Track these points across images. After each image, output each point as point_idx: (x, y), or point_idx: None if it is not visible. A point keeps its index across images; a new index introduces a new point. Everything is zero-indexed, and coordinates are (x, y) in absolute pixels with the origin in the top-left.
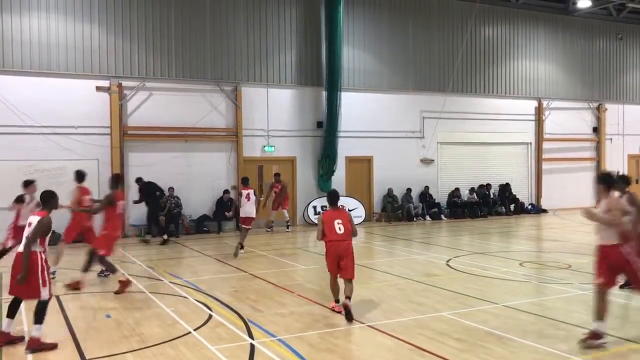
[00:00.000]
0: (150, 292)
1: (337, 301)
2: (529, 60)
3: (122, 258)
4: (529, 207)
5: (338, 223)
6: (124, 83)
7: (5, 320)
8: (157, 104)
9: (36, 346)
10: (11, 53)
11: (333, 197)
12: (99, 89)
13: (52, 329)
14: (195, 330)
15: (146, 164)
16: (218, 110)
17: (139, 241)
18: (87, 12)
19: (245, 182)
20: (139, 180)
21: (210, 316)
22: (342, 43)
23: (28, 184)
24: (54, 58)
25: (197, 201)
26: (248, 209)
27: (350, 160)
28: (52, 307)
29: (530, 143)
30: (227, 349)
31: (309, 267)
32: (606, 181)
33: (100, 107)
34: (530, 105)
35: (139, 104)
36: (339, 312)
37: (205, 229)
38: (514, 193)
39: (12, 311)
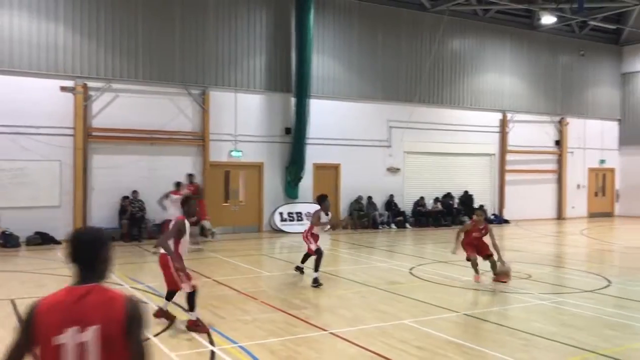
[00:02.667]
0: None
1: None
2: (494, 73)
3: None
4: (492, 217)
5: None
6: (90, 84)
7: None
8: (123, 106)
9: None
10: None
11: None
12: (63, 89)
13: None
14: (155, 336)
15: (110, 167)
16: (185, 113)
17: None
18: (53, 10)
19: (177, 186)
20: None
21: (170, 322)
22: (312, 50)
23: None
24: (18, 56)
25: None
26: (172, 212)
27: (317, 167)
28: None
29: (494, 154)
30: (187, 355)
31: (273, 274)
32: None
33: (64, 108)
34: (495, 118)
35: (104, 105)
36: None
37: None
38: (476, 203)
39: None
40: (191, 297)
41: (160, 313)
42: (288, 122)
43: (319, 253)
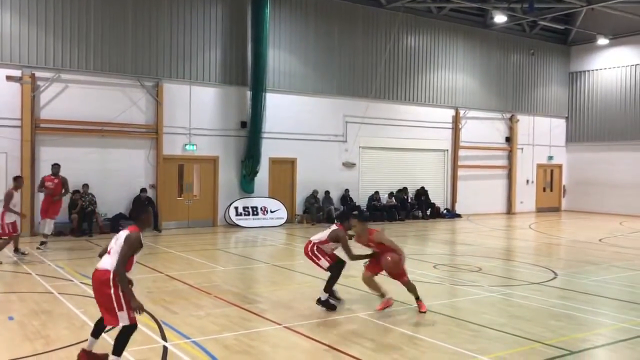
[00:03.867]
0: (58, 293)
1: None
2: (448, 70)
3: (31, 257)
4: (444, 211)
5: None
6: (38, 74)
7: None
8: (73, 97)
9: None
10: None
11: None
12: (9, 78)
13: None
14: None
15: (59, 159)
16: (138, 105)
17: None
18: None
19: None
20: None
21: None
22: (268, 44)
23: None
24: None
25: (112, 199)
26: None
27: (273, 162)
28: None
29: (447, 150)
30: (139, 351)
31: (228, 269)
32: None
33: (10, 98)
34: (448, 114)
35: (53, 96)
36: None
37: (121, 227)
38: (430, 198)
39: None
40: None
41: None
42: (244, 115)
43: (337, 269)
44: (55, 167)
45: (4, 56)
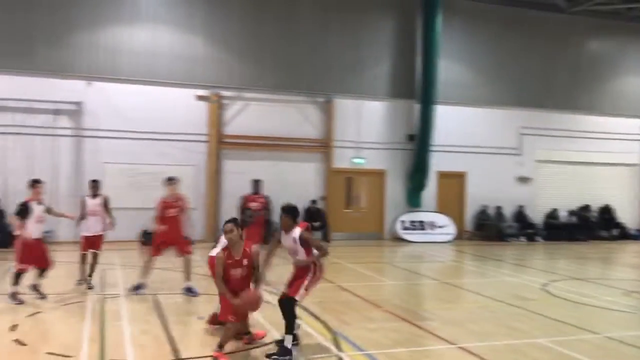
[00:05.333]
0: None
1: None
2: (634, 76)
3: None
4: (634, 232)
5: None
6: (223, 93)
7: None
8: (252, 114)
9: None
10: (121, 62)
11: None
12: (199, 97)
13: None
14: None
15: (240, 171)
16: (310, 121)
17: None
18: (190, 24)
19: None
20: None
21: (297, 325)
22: (439, 55)
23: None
24: (159, 67)
25: None
26: (92, 223)
27: (442, 176)
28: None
29: (636, 164)
30: None
31: (397, 283)
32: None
33: (199, 116)
34: (635, 124)
35: (235, 113)
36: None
37: None
38: (616, 217)
39: None
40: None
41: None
42: (411, 128)
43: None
44: (258, 184)
45: (195, 77)
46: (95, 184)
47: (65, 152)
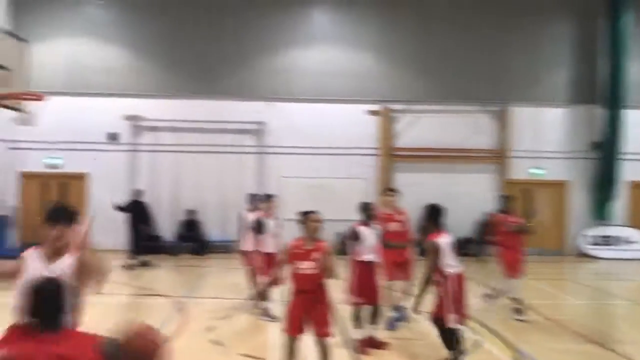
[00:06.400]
0: None
1: None
2: None
3: None
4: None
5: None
6: (393, 106)
7: None
8: (422, 126)
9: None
10: (296, 82)
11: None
12: (369, 112)
13: None
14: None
15: (411, 184)
16: (483, 131)
17: None
18: (361, 41)
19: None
20: None
21: (476, 341)
22: (628, 57)
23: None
24: (331, 85)
25: (457, 222)
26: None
27: (635, 186)
28: None
29: None
30: None
31: (582, 302)
32: None
33: (369, 130)
34: None
35: (405, 126)
36: None
37: (466, 251)
38: None
39: None
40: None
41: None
42: (594, 136)
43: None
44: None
45: (366, 92)
46: (265, 198)
47: (250, 168)
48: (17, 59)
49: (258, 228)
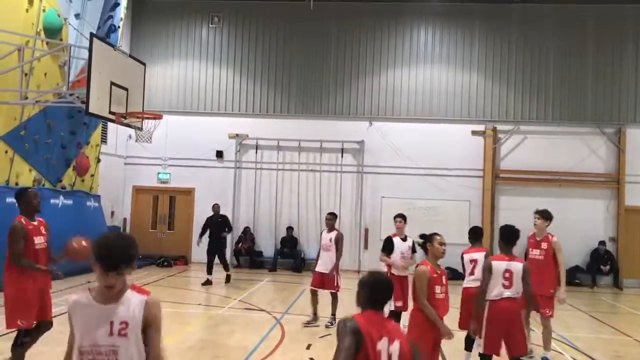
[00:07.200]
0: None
1: None
2: None
3: None
4: None
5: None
6: (499, 127)
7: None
8: (530, 148)
9: None
10: (399, 102)
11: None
12: (474, 132)
13: None
14: None
15: (516, 208)
16: (597, 154)
17: None
18: (467, 61)
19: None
20: None
21: None
22: None
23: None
24: (435, 105)
25: (569, 250)
26: (324, 259)
27: None
28: None
29: None
30: None
31: None
32: None
33: (474, 150)
34: None
35: (512, 147)
36: None
37: (577, 281)
38: None
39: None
40: None
41: None
42: None
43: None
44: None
45: (470, 113)
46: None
47: (348, 187)
48: (135, 80)
49: (386, 248)
